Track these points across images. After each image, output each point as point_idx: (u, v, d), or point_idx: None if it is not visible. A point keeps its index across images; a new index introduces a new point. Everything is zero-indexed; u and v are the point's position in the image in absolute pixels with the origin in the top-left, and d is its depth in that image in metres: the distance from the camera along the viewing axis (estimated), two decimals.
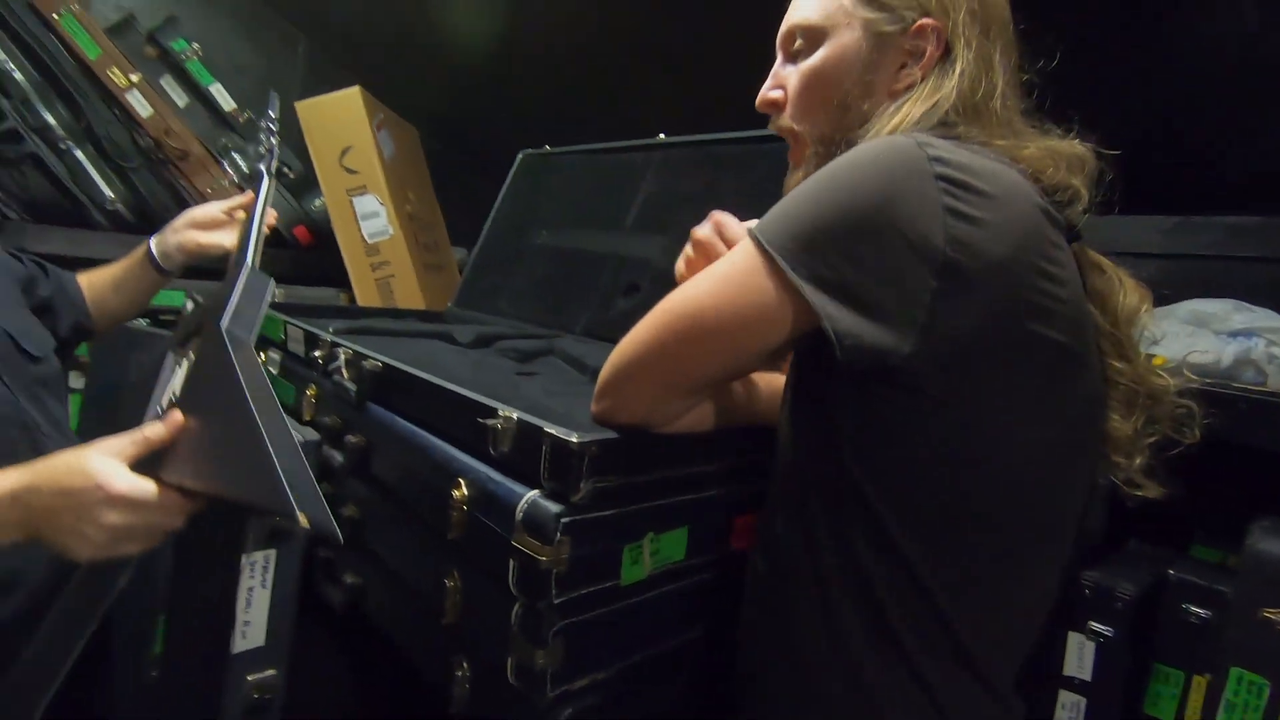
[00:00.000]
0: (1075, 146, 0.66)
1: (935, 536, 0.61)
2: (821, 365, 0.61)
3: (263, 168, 1.08)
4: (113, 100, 2.20)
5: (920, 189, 0.56)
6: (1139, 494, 0.67)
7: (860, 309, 0.57)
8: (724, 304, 0.62)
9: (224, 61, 2.54)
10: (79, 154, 2.13)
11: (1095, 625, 0.91)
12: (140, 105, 2.22)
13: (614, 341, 0.70)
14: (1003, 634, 0.66)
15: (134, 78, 2.20)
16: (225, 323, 0.73)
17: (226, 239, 1.11)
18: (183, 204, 2.33)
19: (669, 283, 0.74)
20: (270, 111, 1.12)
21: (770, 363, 0.71)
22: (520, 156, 1.83)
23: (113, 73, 2.17)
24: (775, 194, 0.67)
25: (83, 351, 1.64)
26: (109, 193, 2.19)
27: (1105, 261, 0.69)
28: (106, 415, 1.53)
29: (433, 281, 2.25)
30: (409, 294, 2.13)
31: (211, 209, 1.14)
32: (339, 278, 2.33)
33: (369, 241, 2.08)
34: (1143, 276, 0.69)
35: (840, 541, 0.63)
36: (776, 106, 0.75)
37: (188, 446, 0.65)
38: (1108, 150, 0.66)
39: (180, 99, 2.35)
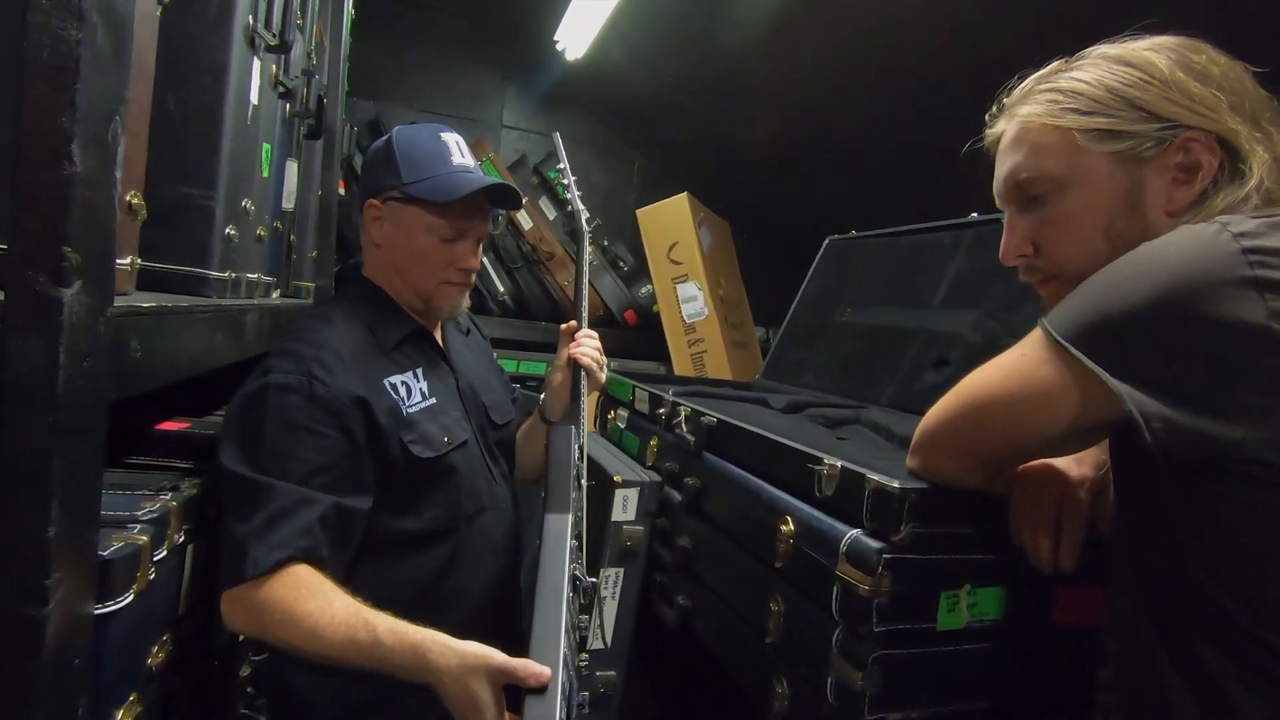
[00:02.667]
0: None
1: None
2: (1140, 457, 0.60)
3: (584, 224, 1.29)
4: (507, 217, 2.90)
5: (1226, 269, 0.55)
6: None
7: (1171, 396, 0.56)
8: (1009, 392, 0.66)
9: (581, 180, 3.19)
10: (485, 260, 2.84)
11: None
12: (525, 220, 2.89)
13: (920, 414, 0.78)
14: None
15: (523, 200, 2.88)
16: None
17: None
18: (548, 294, 2.95)
19: (979, 356, 0.80)
20: (562, 160, 1.33)
21: (1072, 448, 0.72)
22: (826, 242, 1.98)
23: None
24: None
25: None
26: (500, 287, 2.87)
27: None
28: None
29: (738, 356, 2.48)
30: (718, 367, 2.38)
31: (561, 354, 1.22)
32: (658, 352, 2.71)
33: (688, 322, 2.40)
34: None
35: (1194, 653, 0.59)
36: (1025, 258, 0.74)
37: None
38: None
39: (550, 213, 3.01)
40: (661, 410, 1.34)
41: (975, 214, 1.52)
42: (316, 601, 0.84)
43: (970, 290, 1.44)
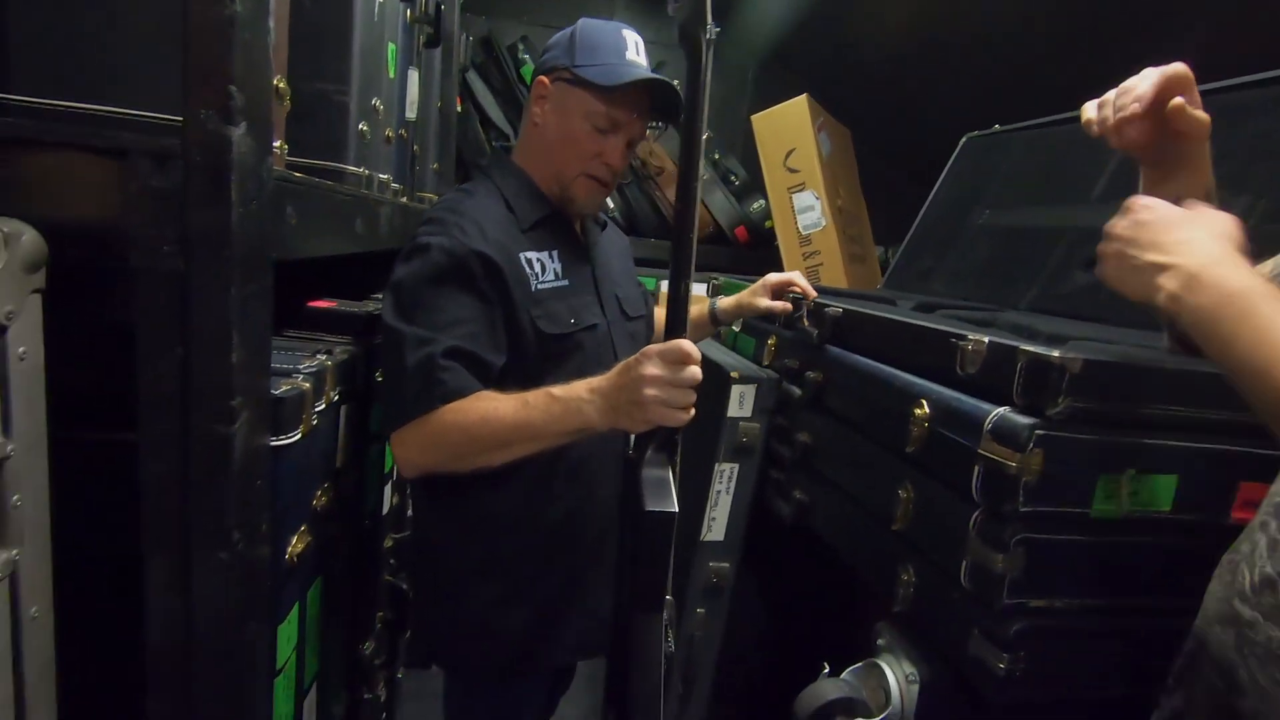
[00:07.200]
0: None
1: None
2: None
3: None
4: None
5: None
6: None
7: None
8: None
9: None
10: None
11: None
12: None
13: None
14: None
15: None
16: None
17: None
18: (657, 210, 2.91)
19: None
20: None
21: None
22: (964, 140, 1.81)
23: None
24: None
25: None
26: (610, 203, 2.86)
27: None
28: None
29: (856, 271, 2.36)
30: (834, 281, 2.28)
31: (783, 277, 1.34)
32: (770, 270, 2.63)
33: (803, 233, 2.29)
34: None
35: None
36: None
37: None
38: None
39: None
40: None
41: None
42: (480, 409, 0.92)
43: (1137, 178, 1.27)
